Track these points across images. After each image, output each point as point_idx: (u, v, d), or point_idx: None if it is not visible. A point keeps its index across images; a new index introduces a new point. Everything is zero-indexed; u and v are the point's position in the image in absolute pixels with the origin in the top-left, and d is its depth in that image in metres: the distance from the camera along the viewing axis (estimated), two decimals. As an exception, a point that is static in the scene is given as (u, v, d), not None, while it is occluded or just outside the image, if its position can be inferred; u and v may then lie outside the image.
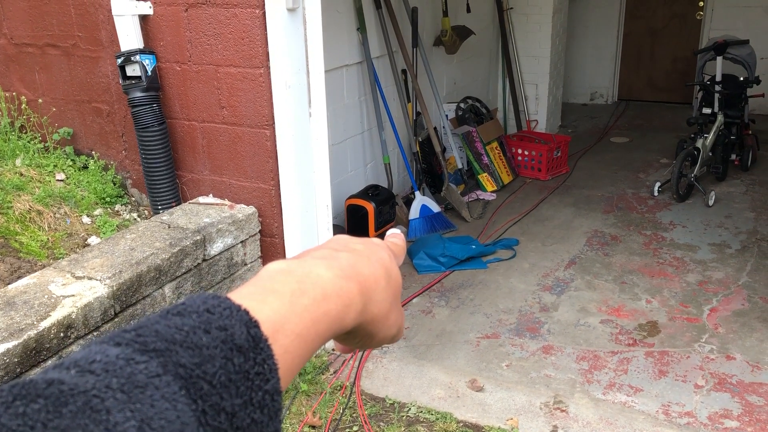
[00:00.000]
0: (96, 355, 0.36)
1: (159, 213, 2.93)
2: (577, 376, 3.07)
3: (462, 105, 5.73)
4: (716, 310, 3.61)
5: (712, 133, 5.22)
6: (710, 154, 5.33)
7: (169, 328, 0.39)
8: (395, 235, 0.67)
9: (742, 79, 5.37)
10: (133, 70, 2.86)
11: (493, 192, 5.37)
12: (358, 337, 0.53)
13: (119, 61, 2.84)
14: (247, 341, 0.40)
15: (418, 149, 4.92)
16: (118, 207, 3.18)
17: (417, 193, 4.69)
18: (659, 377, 3.05)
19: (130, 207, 3.22)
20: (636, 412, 2.82)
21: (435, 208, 4.67)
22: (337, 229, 3.58)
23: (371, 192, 4.17)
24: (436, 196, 4.95)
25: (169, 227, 2.69)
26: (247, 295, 0.44)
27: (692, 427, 2.72)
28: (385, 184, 4.59)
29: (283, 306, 0.44)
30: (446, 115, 5.35)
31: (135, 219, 3.12)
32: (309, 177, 2.98)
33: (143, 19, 2.88)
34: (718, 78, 5.35)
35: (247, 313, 0.41)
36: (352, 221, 4.12)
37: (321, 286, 0.47)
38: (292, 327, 0.43)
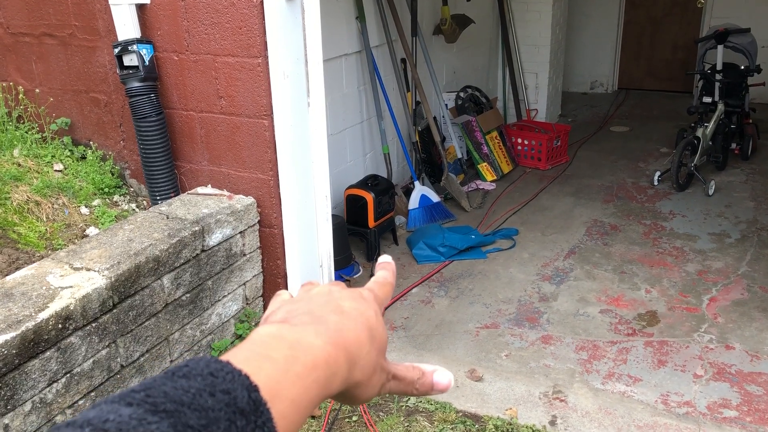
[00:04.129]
0: (109, 415, 0.37)
1: (157, 203, 2.92)
2: (576, 365, 3.07)
3: (461, 94, 5.71)
4: (716, 300, 3.61)
5: (712, 122, 5.21)
6: (710, 144, 5.31)
7: (177, 389, 0.40)
8: (386, 265, 0.67)
9: (743, 67, 5.34)
10: (130, 60, 2.84)
11: (492, 182, 5.36)
12: (341, 398, 0.54)
13: (116, 50, 2.82)
14: (249, 405, 0.41)
15: (417, 139, 4.90)
16: (116, 197, 3.17)
17: (416, 183, 4.68)
18: (658, 367, 3.05)
19: (128, 197, 3.21)
20: (635, 401, 2.82)
21: (434, 198, 4.67)
22: (337, 219, 3.57)
23: (370, 182, 4.15)
24: (436, 185, 4.94)
25: (167, 218, 2.68)
26: (243, 360, 0.45)
27: (691, 417, 2.72)
28: (384, 174, 4.57)
29: (278, 372, 0.45)
30: (446, 105, 5.33)
31: (133, 209, 3.11)
32: (308, 167, 2.97)
33: (140, 8, 2.86)
34: (719, 67, 5.32)
35: (248, 377, 0.43)
36: (352, 211, 4.11)
37: (312, 354, 0.48)
38: (286, 393, 0.45)
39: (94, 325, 2.19)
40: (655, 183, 5.26)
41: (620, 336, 3.30)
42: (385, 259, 0.68)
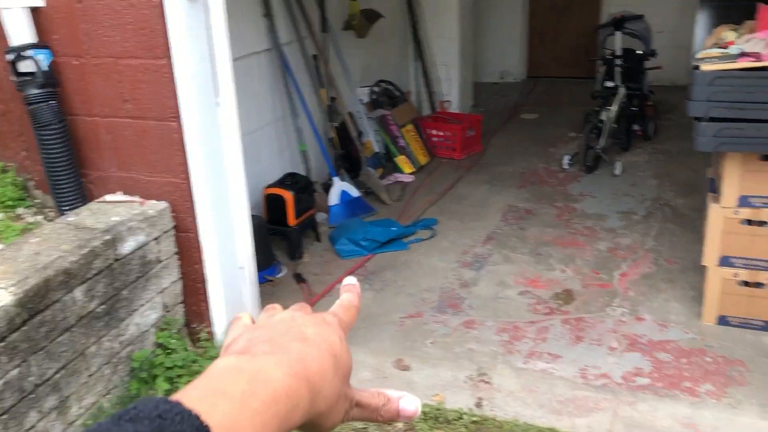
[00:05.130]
0: None
1: (65, 214, 2.81)
2: (498, 347, 3.16)
3: (375, 89, 5.74)
4: (626, 275, 3.78)
5: (614, 106, 5.44)
6: (615, 126, 5.55)
7: None
8: (350, 288, 0.64)
9: (639, 52, 5.61)
10: (26, 67, 2.72)
11: (411, 174, 5.42)
12: (302, 428, 0.53)
13: (9, 57, 2.69)
14: None
15: (334, 135, 4.90)
16: (20, 210, 3.03)
17: (335, 179, 4.68)
18: (576, 343, 3.18)
19: (34, 210, 3.07)
20: (556, 377, 2.93)
21: (354, 192, 4.68)
22: (256, 220, 3.53)
23: (289, 180, 4.13)
24: (356, 180, 4.96)
25: (76, 228, 2.58)
26: (197, 397, 0.43)
27: (608, 388, 2.85)
28: (303, 172, 4.56)
29: (234, 409, 0.43)
30: (361, 100, 5.35)
31: (40, 222, 2.98)
32: (221, 168, 2.92)
33: (35, 11, 2.73)
34: (618, 52, 5.56)
35: (198, 417, 0.41)
36: (272, 210, 4.08)
37: (272, 386, 0.46)
38: (243, 431, 0.43)
39: (2, 344, 2.10)
40: (565, 166, 5.45)
41: (539, 316, 3.42)
42: (349, 281, 0.65)
